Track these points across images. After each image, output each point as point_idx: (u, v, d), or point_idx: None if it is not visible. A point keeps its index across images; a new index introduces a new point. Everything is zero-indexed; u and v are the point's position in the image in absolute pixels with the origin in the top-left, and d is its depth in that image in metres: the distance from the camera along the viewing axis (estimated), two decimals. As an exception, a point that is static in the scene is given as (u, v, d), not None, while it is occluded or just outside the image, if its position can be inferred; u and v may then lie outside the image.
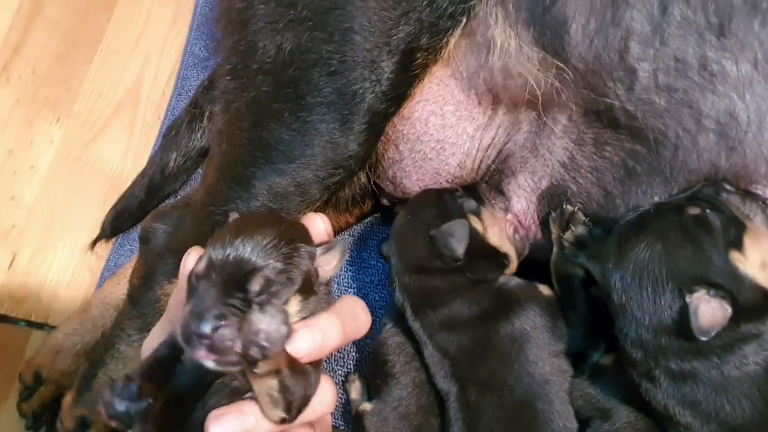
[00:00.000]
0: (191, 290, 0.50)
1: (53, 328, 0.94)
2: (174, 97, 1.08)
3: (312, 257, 0.52)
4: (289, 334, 0.48)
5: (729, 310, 0.53)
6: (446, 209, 0.70)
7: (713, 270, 0.54)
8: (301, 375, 0.50)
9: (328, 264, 0.53)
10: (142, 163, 1.02)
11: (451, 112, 0.75)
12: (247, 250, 0.49)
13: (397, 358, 0.72)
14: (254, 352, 0.46)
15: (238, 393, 0.52)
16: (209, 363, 0.47)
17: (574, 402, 0.64)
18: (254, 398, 0.50)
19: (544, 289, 0.68)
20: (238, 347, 0.47)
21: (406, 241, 0.71)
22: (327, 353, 0.52)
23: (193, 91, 1.03)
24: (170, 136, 1.00)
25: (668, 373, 0.55)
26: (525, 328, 0.64)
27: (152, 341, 0.56)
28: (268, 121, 0.72)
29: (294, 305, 0.50)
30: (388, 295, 0.77)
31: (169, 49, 1.11)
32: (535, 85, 0.66)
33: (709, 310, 0.52)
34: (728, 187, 0.59)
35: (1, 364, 0.91)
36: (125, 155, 1.06)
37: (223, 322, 0.46)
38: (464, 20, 0.70)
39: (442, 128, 0.75)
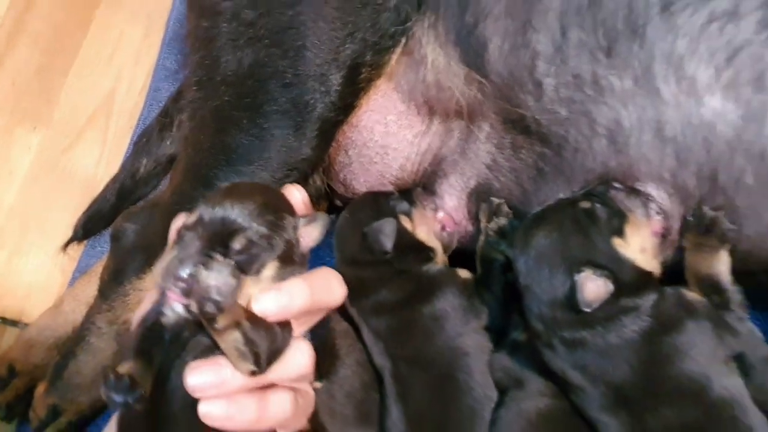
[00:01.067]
0: (178, 240, 0.56)
1: (27, 325, 1.04)
2: (146, 107, 1.18)
3: (295, 228, 0.60)
4: (239, 285, 0.53)
5: (610, 286, 0.65)
6: (380, 210, 0.82)
7: (598, 254, 0.67)
8: (264, 328, 0.56)
9: (310, 235, 0.61)
10: (114, 169, 1.12)
11: (393, 121, 0.87)
12: (234, 212, 0.56)
13: (342, 342, 0.82)
14: (209, 307, 0.52)
15: (213, 350, 0.57)
16: (178, 307, 0.54)
17: (494, 374, 0.75)
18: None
19: (463, 273, 0.80)
20: (193, 308, 0.52)
21: (344, 237, 0.83)
22: (294, 315, 0.59)
23: (164, 102, 1.13)
24: (141, 143, 1.10)
25: (563, 341, 0.68)
26: (445, 308, 0.76)
27: (143, 309, 0.62)
28: (230, 127, 0.82)
29: (270, 270, 0.57)
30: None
31: (142, 62, 1.22)
32: (461, 98, 0.79)
33: (594, 287, 0.65)
34: (616, 185, 0.72)
35: (-24, 359, 1.01)
36: (99, 162, 1.16)
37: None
38: (403, 40, 0.83)
39: (386, 135, 0.87)
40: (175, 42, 1.21)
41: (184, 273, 0.53)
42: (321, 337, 0.84)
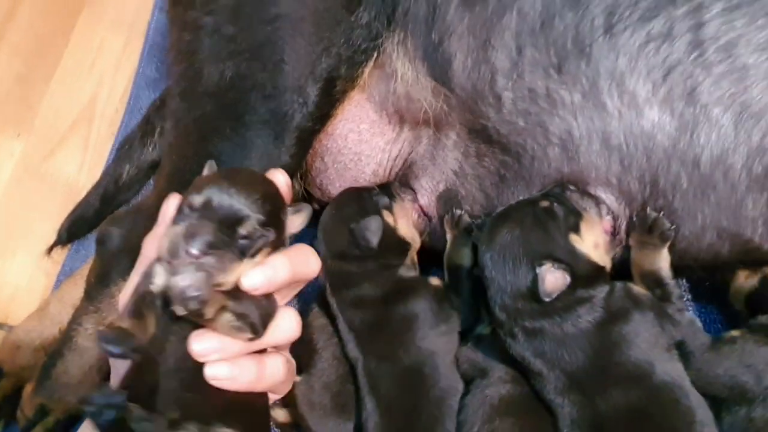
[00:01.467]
0: (181, 217, 0.60)
1: (12, 327, 1.08)
2: (127, 114, 1.23)
3: (285, 217, 0.67)
4: (210, 276, 0.57)
5: (568, 278, 0.73)
6: (364, 205, 0.88)
7: (557, 248, 0.75)
8: (248, 299, 0.62)
9: (294, 223, 0.68)
10: (96, 175, 1.18)
11: (366, 129, 0.94)
12: (240, 200, 0.61)
13: (320, 337, 0.90)
14: (193, 305, 0.56)
15: None
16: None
17: (461, 366, 0.83)
18: None
19: (434, 281, 0.87)
20: (179, 311, 0.57)
21: (331, 232, 0.88)
22: (279, 286, 0.66)
23: (144, 109, 1.19)
24: (124, 149, 1.15)
25: (524, 330, 0.75)
26: (415, 310, 0.83)
27: (128, 288, 0.68)
28: (212, 136, 0.88)
29: (261, 256, 0.64)
30: (319, 286, 0.93)
31: (123, 70, 1.27)
32: (429, 109, 0.87)
33: (553, 279, 0.73)
34: (571, 187, 0.80)
35: (-36, 361, 1.05)
36: (81, 168, 1.21)
37: (211, 251, 0.57)
38: (375, 55, 0.90)
39: (359, 143, 0.94)
40: (155, 50, 1.27)
41: (195, 250, 0.57)
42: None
